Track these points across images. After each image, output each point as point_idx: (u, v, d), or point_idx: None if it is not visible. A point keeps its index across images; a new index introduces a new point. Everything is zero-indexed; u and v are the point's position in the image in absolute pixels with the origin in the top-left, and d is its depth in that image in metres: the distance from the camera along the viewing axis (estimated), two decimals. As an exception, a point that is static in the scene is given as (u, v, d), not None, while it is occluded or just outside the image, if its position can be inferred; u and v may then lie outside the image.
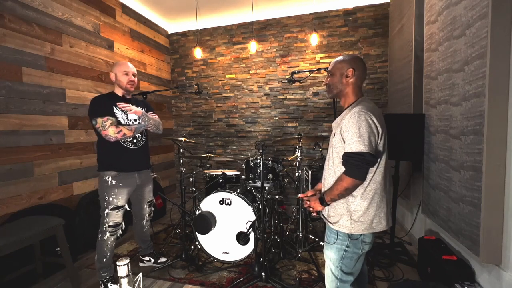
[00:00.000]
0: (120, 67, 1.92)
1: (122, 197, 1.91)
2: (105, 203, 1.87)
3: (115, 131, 1.80)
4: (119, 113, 1.90)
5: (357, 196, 1.17)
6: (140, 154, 2.00)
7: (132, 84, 1.95)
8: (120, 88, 1.95)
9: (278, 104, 3.89)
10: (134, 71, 1.97)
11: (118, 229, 1.95)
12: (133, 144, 1.95)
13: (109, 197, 1.86)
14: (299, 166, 2.45)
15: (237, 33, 3.97)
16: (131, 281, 1.46)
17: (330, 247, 1.26)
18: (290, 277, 2.04)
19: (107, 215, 1.88)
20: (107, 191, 1.87)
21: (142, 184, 2.06)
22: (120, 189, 1.89)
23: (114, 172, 1.88)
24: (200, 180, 4.08)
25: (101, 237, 1.90)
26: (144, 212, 2.17)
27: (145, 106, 2.10)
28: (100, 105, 1.84)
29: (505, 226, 1.43)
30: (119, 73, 1.91)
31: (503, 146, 1.40)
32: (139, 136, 1.99)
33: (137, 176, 2.00)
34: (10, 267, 1.87)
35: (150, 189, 2.18)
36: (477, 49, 1.49)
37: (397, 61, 3.01)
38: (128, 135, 1.87)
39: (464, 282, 1.59)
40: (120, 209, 1.92)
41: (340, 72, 1.25)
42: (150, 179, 2.17)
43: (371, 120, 1.12)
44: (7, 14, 2.07)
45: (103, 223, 1.89)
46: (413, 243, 2.50)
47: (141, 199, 2.12)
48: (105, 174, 1.87)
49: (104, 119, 1.79)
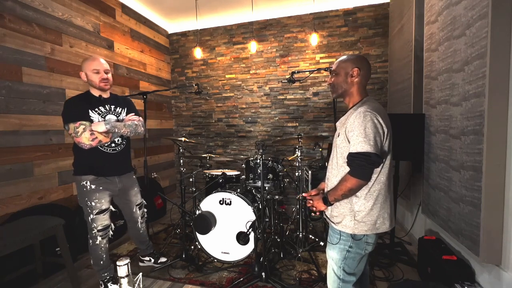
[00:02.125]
0: (89, 65, 1.74)
1: (105, 199, 1.81)
2: (88, 208, 1.77)
3: (89, 138, 1.65)
4: (95, 116, 1.75)
5: (361, 196, 1.17)
6: (119, 158, 1.87)
7: (106, 82, 1.79)
8: (94, 87, 1.79)
9: (278, 104, 3.89)
10: (106, 67, 1.80)
11: (108, 231, 1.87)
12: (111, 149, 1.82)
13: (91, 202, 1.76)
14: (299, 166, 2.45)
15: (237, 33, 3.97)
16: (131, 281, 1.46)
17: (332, 247, 1.26)
18: (290, 277, 2.04)
19: (93, 220, 1.78)
20: (88, 196, 1.75)
21: (124, 188, 1.95)
22: (101, 192, 1.78)
23: (92, 176, 1.76)
24: (200, 180, 4.08)
25: (92, 242, 1.83)
26: (136, 216, 2.08)
27: (125, 106, 1.95)
28: (72, 108, 1.69)
29: (505, 226, 1.43)
30: (89, 72, 1.74)
31: (503, 146, 1.40)
32: (118, 140, 1.85)
33: (117, 181, 1.88)
34: (10, 267, 1.87)
35: (136, 192, 2.06)
36: (477, 49, 1.49)
37: (397, 61, 3.01)
38: (104, 141, 1.73)
39: (464, 282, 1.59)
40: (106, 212, 1.83)
41: (345, 71, 1.24)
42: (133, 182, 2.05)
43: (377, 120, 1.12)
44: (7, 14, 2.07)
45: (91, 229, 1.80)
46: (413, 243, 2.50)
47: (129, 204, 2.03)
48: (82, 178, 1.75)
49: (76, 124, 1.63)
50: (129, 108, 1.97)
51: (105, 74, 1.79)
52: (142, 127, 1.93)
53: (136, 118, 1.92)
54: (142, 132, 1.93)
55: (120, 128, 1.77)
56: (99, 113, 1.78)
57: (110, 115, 1.84)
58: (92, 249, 1.86)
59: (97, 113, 1.76)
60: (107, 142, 1.75)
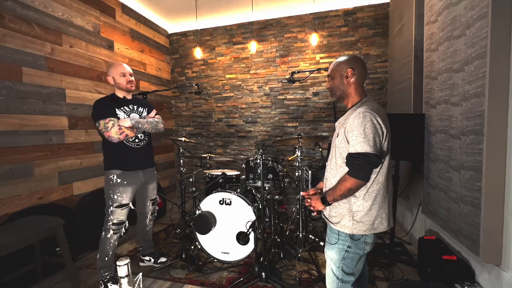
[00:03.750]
0: (116, 70, 1.94)
1: (127, 195, 1.95)
2: (110, 201, 1.90)
3: (117, 132, 1.83)
4: (121, 114, 1.93)
5: (359, 196, 1.17)
6: (143, 153, 2.04)
7: (131, 84, 1.98)
8: (121, 90, 1.97)
9: (278, 104, 3.89)
10: (130, 71, 1.99)
11: (122, 228, 1.97)
12: (135, 144, 1.99)
13: (114, 195, 1.90)
14: (299, 166, 2.45)
15: (237, 33, 3.96)
16: (131, 281, 1.46)
17: (331, 247, 1.26)
18: (290, 277, 2.04)
19: (111, 212, 1.90)
20: (112, 189, 1.90)
21: (146, 181, 2.10)
22: (124, 187, 1.93)
23: (119, 171, 1.92)
24: (200, 180, 4.08)
25: (104, 235, 1.92)
26: (147, 210, 2.19)
27: (145, 106, 2.13)
28: (102, 107, 1.88)
29: (505, 226, 1.43)
30: (117, 76, 1.94)
31: (503, 146, 1.40)
32: (141, 136, 2.03)
33: (141, 174, 2.04)
34: (10, 267, 1.87)
35: (154, 187, 2.21)
36: (477, 49, 1.49)
37: (397, 61, 3.01)
38: (130, 135, 1.91)
39: (464, 282, 1.59)
40: (125, 207, 1.95)
41: (340, 73, 1.25)
42: (154, 177, 2.20)
43: (376, 121, 1.12)
44: (7, 14, 2.06)
45: (107, 220, 1.91)
46: (413, 243, 2.50)
47: (145, 197, 2.15)
48: (110, 172, 1.92)
49: (106, 120, 1.83)
50: (149, 108, 2.15)
51: (130, 77, 1.98)
52: (161, 124, 2.12)
53: (157, 116, 2.13)
54: (161, 129, 2.11)
55: (143, 124, 1.96)
56: (124, 111, 1.96)
57: (134, 113, 2.02)
58: (102, 241, 1.93)
59: (123, 112, 1.95)
60: (132, 136, 1.94)
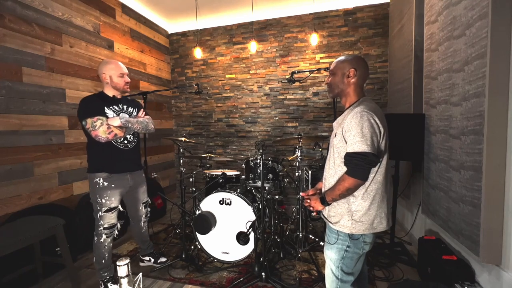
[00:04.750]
0: (116, 70, 1.88)
1: (115, 198, 1.88)
2: (98, 205, 1.84)
3: (105, 131, 1.75)
4: (110, 113, 1.85)
5: (358, 196, 1.17)
6: (131, 154, 1.97)
7: (128, 85, 1.96)
8: (116, 89, 1.91)
9: (278, 104, 3.89)
10: (127, 71, 1.96)
11: (114, 230, 1.93)
12: (124, 145, 1.92)
13: (101, 199, 1.83)
14: (299, 166, 2.45)
15: (237, 33, 3.96)
16: (131, 281, 1.46)
17: (330, 247, 1.26)
18: (290, 277, 2.04)
19: (101, 217, 1.85)
20: (99, 193, 1.83)
21: (135, 185, 2.03)
22: (112, 190, 1.86)
23: (105, 174, 1.84)
24: (200, 180, 4.08)
25: (97, 239, 1.88)
26: (140, 214, 2.13)
27: (135, 107, 2.05)
28: (90, 105, 1.80)
29: (505, 226, 1.43)
30: (115, 76, 1.87)
31: (503, 146, 1.40)
32: (130, 137, 1.96)
33: (129, 178, 1.97)
34: (10, 267, 1.87)
35: (144, 190, 2.14)
36: (477, 49, 1.49)
37: (397, 61, 3.01)
38: (120, 135, 1.82)
39: (464, 282, 1.59)
40: (114, 210, 1.89)
41: (342, 72, 1.25)
42: (143, 180, 2.12)
43: (374, 120, 1.12)
44: (7, 14, 2.07)
45: (98, 225, 1.86)
46: (413, 243, 2.50)
47: (136, 201, 2.09)
48: (95, 176, 1.83)
49: (94, 119, 1.74)
50: (139, 109, 2.08)
51: (128, 78, 1.94)
52: (152, 124, 2.04)
53: (146, 117, 2.05)
54: (152, 129, 2.03)
55: (133, 124, 1.88)
56: (113, 110, 1.88)
57: (123, 113, 1.94)
58: (96, 246, 1.89)
59: (112, 110, 1.87)
60: (121, 136, 1.85)
